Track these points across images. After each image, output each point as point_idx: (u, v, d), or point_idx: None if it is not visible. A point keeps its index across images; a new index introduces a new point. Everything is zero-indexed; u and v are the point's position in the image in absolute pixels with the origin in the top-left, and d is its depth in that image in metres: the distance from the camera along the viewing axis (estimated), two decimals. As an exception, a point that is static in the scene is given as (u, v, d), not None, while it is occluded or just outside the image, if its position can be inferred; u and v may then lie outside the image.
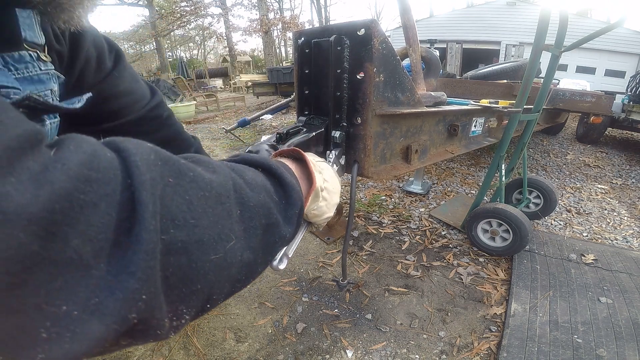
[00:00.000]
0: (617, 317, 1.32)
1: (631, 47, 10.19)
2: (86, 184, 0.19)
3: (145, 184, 0.21)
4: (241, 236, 0.29)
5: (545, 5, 1.41)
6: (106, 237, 0.19)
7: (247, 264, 0.30)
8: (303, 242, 1.92)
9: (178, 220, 0.23)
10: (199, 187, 0.26)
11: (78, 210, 0.18)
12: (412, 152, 1.03)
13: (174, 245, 0.22)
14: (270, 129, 5.29)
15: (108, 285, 0.19)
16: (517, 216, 1.61)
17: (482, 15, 11.77)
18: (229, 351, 1.24)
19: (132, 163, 0.22)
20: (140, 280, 0.20)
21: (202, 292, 0.25)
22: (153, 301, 0.21)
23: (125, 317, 0.20)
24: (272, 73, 8.05)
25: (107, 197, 0.20)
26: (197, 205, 0.25)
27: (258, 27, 15.94)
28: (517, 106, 1.51)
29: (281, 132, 0.67)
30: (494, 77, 4.24)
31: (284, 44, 24.72)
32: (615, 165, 3.49)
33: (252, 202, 0.31)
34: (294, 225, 0.37)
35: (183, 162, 0.26)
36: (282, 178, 0.37)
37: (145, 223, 0.20)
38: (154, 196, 0.22)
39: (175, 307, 0.24)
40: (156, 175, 0.23)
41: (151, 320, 0.22)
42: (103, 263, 0.19)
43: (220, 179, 0.29)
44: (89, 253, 0.18)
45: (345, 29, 0.74)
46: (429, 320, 1.37)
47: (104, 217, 0.19)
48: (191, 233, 0.24)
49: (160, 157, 0.24)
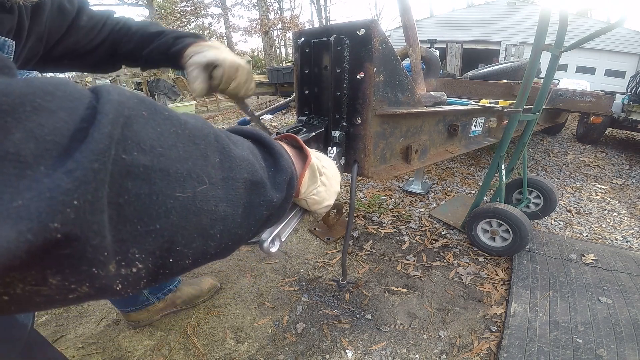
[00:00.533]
0: (617, 317, 1.32)
1: (631, 47, 10.19)
2: (46, 93, 0.18)
3: (112, 101, 0.21)
4: (218, 184, 0.27)
5: (545, 5, 1.41)
6: (55, 140, 0.18)
7: (223, 217, 0.28)
8: (303, 242, 1.92)
9: (144, 144, 0.22)
10: (172, 124, 0.25)
11: (30, 110, 0.17)
12: (412, 152, 1.04)
13: (135, 168, 0.21)
14: (270, 129, 5.29)
15: (39, 187, 0.17)
16: (517, 216, 1.61)
17: (482, 15, 11.77)
18: (229, 351, 1.24)
19: (104, 90, 0.22)
20: (77, 180, 0.17)
21: (161, 234, 0.23)
22: (88, 215, 0.18)
23: (45, 225, 0.16)
24: (272, 73, 8.05)
25: (67, 109, 0.19)
26: (167, 137, 0.24)
27: (258, 27, 15.95)
28: (517, 106, 1.51)
29: (281, 132, 0.67)
30: (494, 77, 4.24)
31: (284, 44, 24.72)
32: (615, 165, 3.49)
33: (234, 154, 0.30)
34: (283, 193, 0.36)
35: (160, 105, 0.25)
36: (271, 146, 0.37)
37: (100, 126, 0.19)
38: (118, 111, 0.21)
39: (125, 246, 0.21)
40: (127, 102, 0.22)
41: (83, 245, 0.18)
42: (43, 165, 0.17)
43: (199, 124, 0.28)
44: (29, 150, 0.17)
45: (345, 29, 0.74)
46: (429, 320, 1.37)
47: (58, 122, 0.18)
48: (156, 160, 0.22)
49: (137, 96, 0.24)
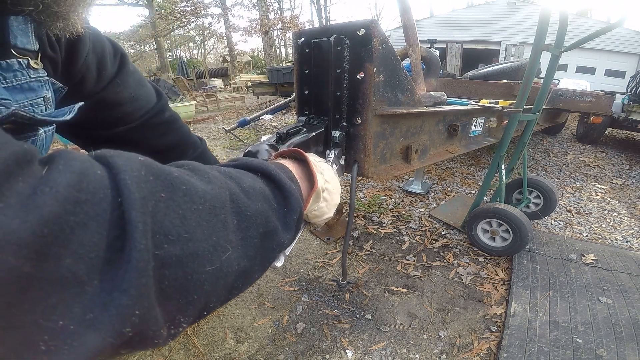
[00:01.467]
0: (617, 317, 1.32)
1: (631, 47, 10.19)
2: (75, 205, 0.19)
3: (136, 202, 0.22)
4: (237, 245, 0.29)
5: (545, 5, 1.41)
6: (98, 255, 0.20)
7: (244, 271, 0.30)
8: (303, 242, 1.92)
9: (171, 235, 0.23)
10: (192, 201, 0.26)
11: (68, 231, 0.19)
12: (412, 152, 1.03)
13: (168, 259, 0.23)
14: (270, 129, 5.29)
15: (102, 302, 0.20)
16: (517, 216, 1.61)
17: (482, 15, 11.77)
18: (229, 351, 1.24)
19: (121, 181, 0.22)
20: (133, 297, 0.20)
21: (199, 301, 0.26)
22: (147, 315, 0.22)
23: (120, 331, 0.21)
24: (272, 73, 8.05)
25: (97, 217, 0.20)
26: (191, 218, 0.25)
27: (258, 27, 15.95)
28: (517, 106, 1.51)
29: (281, 132, 0.67)
30: (494, 77, 4.25)
31: (284, 44, 24.73)
32: (615, 165, 3.49)
33: (250, 211, 0.31)
34: (292, 231, 0.37)
35: (176, 175, 0.26)
36: (282, 184, 0.37)
37: (135, 242, 0.21)
38: (145, 215, 0.22)
39: (172, 316, 0.25)
40: (147, 192, 0.23)
41: (147, 332, 0.23)
42: (96, 280, 0.20)
43: (215, 190, 0.29)
44: (82, 271, 0.19)
45: (345, 29, 0.74)
46: (429, 320, 1.37)
47: (94, 237, 0.20)
48: (185, 247, 0.24)
49: (151, 172, 0.24)
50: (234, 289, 0.31)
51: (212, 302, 0.28)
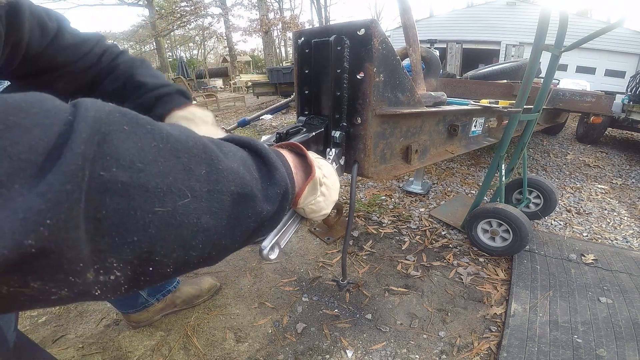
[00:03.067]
0: (617, 317, 1.32)
1: (631, 47, 10.20)
2: (20, 111, 0.18)
3: (88, 118, 0.21)
4: (202, 197, 0.27)
5: (545, 5, 1.41)
6: (29, 159, 0.18)
7: (205, 229, 0.28)
8: (303, 242, 1.92)
9: (123, 160, 0.22)
10: (154, 138, 0.25)
11: (3, 128, 0.18)
12: (412, 152, 1.03)
13: (112, 184, 0.21)
14: (270, 129, 5.29)
15: (13, 206, 0.17)
16: (517, 216, 1.61)
17: (482, 15, 11.77)
18: (229, 351, 1.24)
19: (82, 106, 0.21)
20: (49, 202, 0.18)
21: (139, 246, 0.23)
22: (62, 232, 0.19)
23: (20, 242, 0.17)
24: (272, 73, 8.05)
25: (42, 126, 0.19)
26: (149, 152, 0.24)
27: (258, 27, 15.96)
28: (517, 106, 1.51)
29: (281, 132, 0.67)
30: (494, 77, 4.24)
31: (284, 44, 24.73)
32: (615, 165, 3.49)
33: (222, 165, 0.30)
34: (274, 205, 0.35)
35: (144, 118, 0.25)
36: (267, 158, 0.36)
37: (72, 146, 0.19)
38: (93, 128, 0.20)
39: (102, 256, 0.22)
40: (106, 118, 0.22)
41: (59, 258, 0.20)
42: (17, 184, 0.18)
43: (182, 137, 0.27)
44: (3, 169, 0.17)
45: (345, 29, 0.74)
46: (429, 320, 1.37)
47: (33, 140, 0.18)
48: (135, 176, 0.22)
49: (119, 110, 0.23)
50: (191, 249, 0.27)
51: (157, 254, 0.25)
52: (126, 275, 0.24)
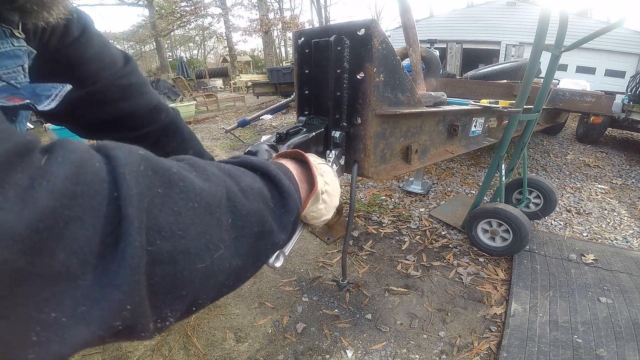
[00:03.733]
0: (617, 317, 1.32)
1: (631, 47, 10.19)
2: (71, 199, 0.19)
3: (132, 198, 0.22)
4: (230, 244, 0.29)
5: (545, 5, 1.41)
6: (91, 250, 0.20)
7: (235, 270, 0.30)
8: (303, 242, 1.92)
9: (165, 232, 0.23)
10: (188, 198, 0.26)
11: (63, 225, 0.19)
12: (412, 152, 1.03)
13: (159, 256, 0.23)
14: (270, 129, 5.29)
15: (94, 296, 0.20)
16: (517, 216, 1.61)
17: (482, 15, 11.77)
18: (229, 351, 1.24)
19: (120, 175, 0.22)
20: (125, 293, 0.21)
21: (188, 297, 0.26)
22: (137, 310, 0.22)
23: (111, 325, 0.21)
24: (272, 73, 8.06)
25: (92, 211, 0.20)
26: (185, 216, 0.25)
27: (258, 27, 15.96)
28: (517, 106, 1.51)
29: (281, 132, 0.67)
30: (494, 77, 4.24)
31: (284, 44, 24.73)
32: (615, 165, 3.49)
33: (245, 210, 0.31)
34: (288, 232, 0.37)
35: (174, 171, 0.26)
36: (280, 184, 0.37)
37: (130, 239, 0.21)
38: (140, 211, 0.22)
39: (159, 311, 0.25)
40: (144, 188, 0.23)
41: (136, 326, 0.23)
42: (89, 274, 0.20)
43: (212, 189, 0.28)
44: (75, 265, 0.19)
45: (345, 29, 0.74)
46: (429, 320, 1.37)
47: (88, 231, 0.20)
48: (177, 244, 0.24)
49: (150, 167, 0.24)
50: (225, 287, 0.31)
51: (201, 299, 0.28)
52: (176, 318, 0.27)
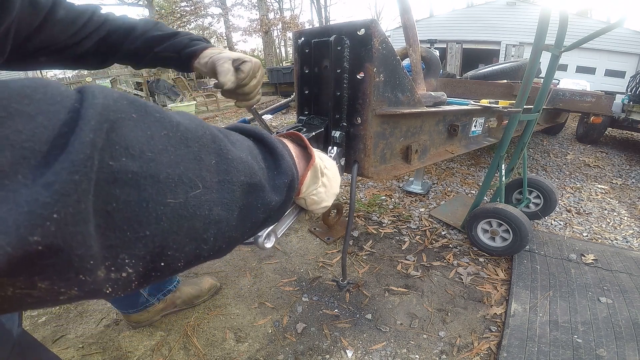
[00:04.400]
0: (617, 317, 1.32)
1: (631, 47, 10.19)
2: (24, 97, 0.18)
3: (96, 105, 0.20)
4: (212, 188, 0.26)
5: (545, 5, 1.41)
6: (33, 147, 0.17)
7: (217, 221, 0.27)
8: (303, 242, 1.92)
9: (133, 149, 0.21)
10: (163, 127, 0.24)
11: (5, 115, 0.17)
12: (412, 152, 1.04)
13: (123, 174, 0.20)
14: (270, 129, 5.29)
15: (16, 198, 0.16)
16: (517, 216, 1.61)
17: (482, 15, 11.77)
18: (229, 351, 1.24)
19: (89, 92, 0.20)
20: (56, 194, 0.17)
21: (152, 240, 0.22)
22: (71, 227, 0.18)
23: (24, 238, 0.16)
24: (272, 73, 8.06)
25: (46, 113, 0.18)
26: (158, 141, 0.23)
27: (258, 27, 15.97)
28: (517, 106, 1.51)
29: (281, 132, 0.67)
30: (494, 77, 4.24)
31: (284, 44, 24.72)
32: (615, 165, 3.49)
33: (232, 155, 0.29)
34: (282, 196, 0.35)
35: (152, 105, 0.24)
36: (273, 147, 0.36)
37: (80, 134, 0.18)
38: (102, 116, 0.19)
39: (114, 252, 0.21)
40: (114, 105, 0.21)
41: (68, 255, 0.18)
42: (21, 174, 0.17)
43: (192, 125, 0.26)
44: (5, 159, 0.16)
45: (345, 29, 0.74)
46: (429, 320, 1.37)
47: (37, 128, 0.17)
48: (145, 166, 0.21)
49: (127, 98, 0.23)
50: (203, 242, 0.26)
51: (170, 249, 0.24)
52: (138, 272, 0.23)
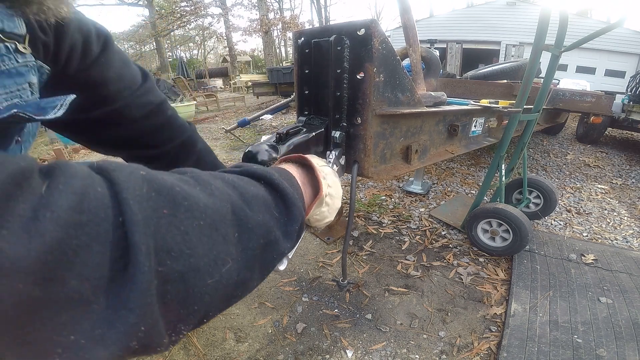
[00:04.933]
0: (617, 317, 1.32)
1: (631, 47, 10.19)
2: (77, 228, 0.20)
3: (138, 223, 0.22)
4: (238, 257, 0.30)
5: (545, 5, 1.41)
6: (102, 275, 0.21)
7: (243, 281, 0.31)
8: (303, 242, 1.92)
9: (174, 252, 0.24)
10: (194, 217, 0.26)
11: (71, 254, 0.19)
12: (412, 152, 1.03)
13: (170, 275, 0.24)
14: (270, 129, 5.29)
15: (109, 319, 0.21)
16: (517, 216, 1.61)
17: (482, 15, 11.77)
18: (229, 351, 1.24)
19: (124, 200, 0.22)
20: (139, 316, 0.22)
21: (199, 311, 0.27)
22: (152, 329, 0.23)
23: (127, 346, 0.22)
24: (272, 73, 8.06)
25: (98, 238, 0.21)
26: (192, 234, 0.26)
27: (258, 27, 15.96)
28: (517, 106, 1.51)
29: (281, 132, 0.67)
30: (494, 77, 4.24)
31: (284, 44, 24.72)
32: (615, 165, 3.49)
33: (251, 223, 0.31)
34: (293, 240, 0.38)
35: (177, 190, 0.26)
36: (284, 193, 0.37)
37: (139, 265, 0.21)
38: (147, 235, 0.22)
39: (173, 326, 0.26)
40: (149, 211, 0.23)
41: (151, 344, 0.24)
42: (102, 297, 0.21)
43: (217, 204, 0.29)
44: (87, 290, 0.20)
45: (345, 29, 0.74)
46: (429, 320, 1.37)
47: (97, 257, 0.20)
48: (187, 263, 0.25)
49: (153, 188, 0.25)
50: (233, 298, 0.31)
51: (211, 311, 0.29)
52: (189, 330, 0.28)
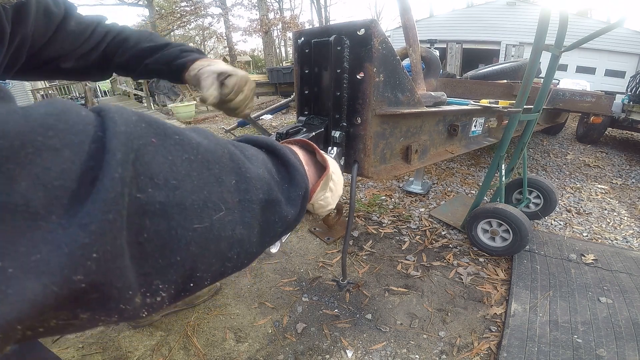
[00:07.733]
0: (617, 317, 1.32)
1: (631, 47, 10.18)
2: (48, 129, 0.17)
3: (119, 135, 0.19)
4: (234, 208, 0.27)
5: (545, 5, 1.41)
6: (64, 185, 0.17)
7: (240, 240, 0.28)
8: (303, 242, 1.92)
9: (158, 178, 0.21)
10: (184, 150, 0.24)
11: (32, 151, 0.16)
12: (412, 152, 1.03)
13: (151, 206, 0.20)
14: (270, 129, 5.29)
15: (55, 239, 0.16)
16: (517, 216, 1.61)
17: (482, 15, 11.76)
18: (229, 351, 1.24)
19: (109, 118, 0.20)
20: (93, 234, 0.17)
21: (183, 265, 0.23)
22: (110, 263, 0.18)
23: (68, 278, 0.17)
24: (272, 73, 8.06)
25: (72, 145, 0.18)
26: (181, 167, 0.23)
27: (258, 27, 15.95)
28: (517, 106, 1.51)
29: (281, 132, 0.67)
30: (494, 77, 4.24)
31: (284, 44, 24.72)
32: (615, 165, 3.49)
33: (250, 173, 0.29)
34: (297, 208, 0.35)
35: (169, 126, 0.24)
36: (286, 159, 0.36)
37: (109, 170, 0.18)
38: (127, 147, 0.20)
39: (148, 279, 0.21)
40: (134, 132, 0.21)
41: (109, 289, 0.19)
42: (55, 215, 0.17)
43: (212, 146, 0.26)
44: (39, 200, 0.16)
45: (345, 29, 0.74)
46: (429, 320, 1.37)
47: (64, 164, 0.17)
48: (171, 195, 0.22)
49: (144, 120, 0.23)
50: (228, 261, 0.27)
51: (199, 270, 0.25)
52: (170, 294, 0.24)
